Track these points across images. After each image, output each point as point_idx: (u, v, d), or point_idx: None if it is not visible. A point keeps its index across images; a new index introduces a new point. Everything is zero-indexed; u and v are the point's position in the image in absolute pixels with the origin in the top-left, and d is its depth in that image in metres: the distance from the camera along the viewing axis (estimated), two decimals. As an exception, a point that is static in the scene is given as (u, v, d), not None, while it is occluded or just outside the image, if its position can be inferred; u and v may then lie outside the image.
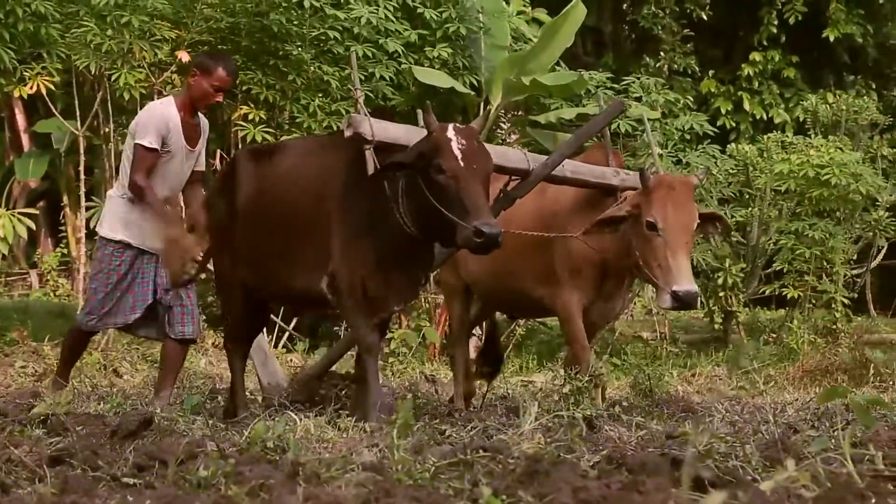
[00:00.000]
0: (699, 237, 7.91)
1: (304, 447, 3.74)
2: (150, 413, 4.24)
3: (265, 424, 3.86)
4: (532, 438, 3.85)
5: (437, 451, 3.41)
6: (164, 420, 4.41)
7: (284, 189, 5.18)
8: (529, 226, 5.61)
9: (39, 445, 3.61)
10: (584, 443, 3.74)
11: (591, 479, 2.92)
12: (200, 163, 5.76)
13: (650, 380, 6.14)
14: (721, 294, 9.83)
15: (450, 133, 4.64)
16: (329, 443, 4.03)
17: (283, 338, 9.36)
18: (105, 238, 5.59)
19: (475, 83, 9.98)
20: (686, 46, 15.60)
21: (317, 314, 9.11)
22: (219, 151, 9.74)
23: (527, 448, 3.54)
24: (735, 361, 8.65)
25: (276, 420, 4.28)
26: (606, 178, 5.67)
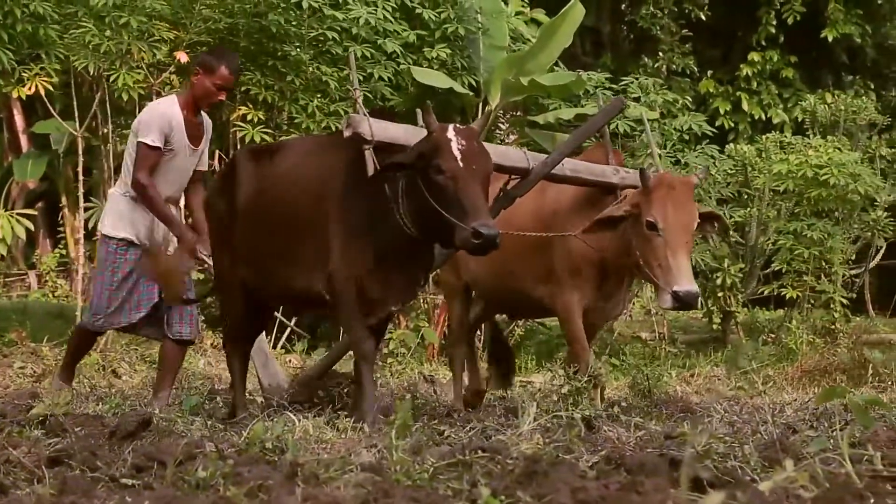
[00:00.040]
0: (698, 237, 7.91)
1: (303, 448, 3.74)
2: (149, 414, 4.23)
3: (264, 425, 3.86)
4: (531, 439, 3.85)
5: (436, 452, 3.41)
6: (163, 421, 4.41)
7: (284, 189, 5.17)
8: (529, 226, 5.60)
9: (38, 446, 3.62)
10: (583, 443, 3.74)
11: (590, 480, 2.92)
12: (203, 162, 5.74)
13: (649, 380, 6.14)
14: (720, 294, 9.83)
15: (450, 133, 4.63)
16: (328, 443, 4.03)
17: (282, 338, 9.36)
18: (107, 236, 5.57)
19: (474, 84, 9.98)
20: (684, 47, 15.61)
21: (316, 314, 9.11)
22: (217, 152, 9.73)
23: (525, 448, 3.54)
24: (734, 362, 8.65)
25: (275, 421, 4.29)
26: (606, 177, 5.67)
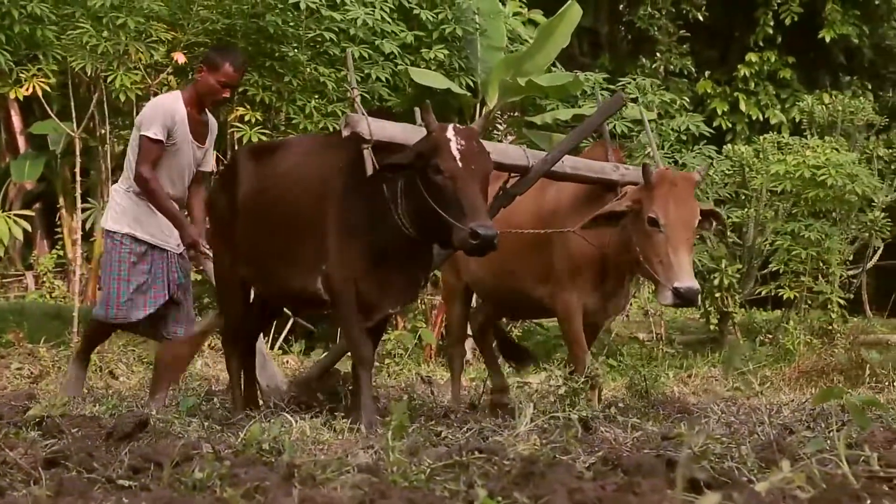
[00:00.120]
0: (696, 236, 7.91)
1: (300, 449, 3.74)
2: (146, 415, 4.22)
3: (261, 426, 3.86)
4: (528, 440, 3.85)
5: (433, 453, 3.42)
6: (160, 422, 4.40)
7: (284, 188, 5.16)
8: (529, 225, 5.60)
9: (35, 447, 3.61)
10: (580, 444, 3.74)
11: (587, 481, 2.92)
12: (207, 162, 5.68)
13: (646, 381, 6.13)
14: (717, 295, 9.81)
15: (449, 133, 4.62)
16: (324, 445, 4.03)
17: (280, 339, 9.35)
18: (110, 230, 5.53)
19: (471, 84, 9.98)
20: (682, 47, 15.62)
21: (315, 314, 9.10)
22: (215, 153, 9.73)
23: (522, 449, 3.54)
24: (731, 362, 8.65)
25: (272, 422, 4.28)
26: (606, 174, 5.65)
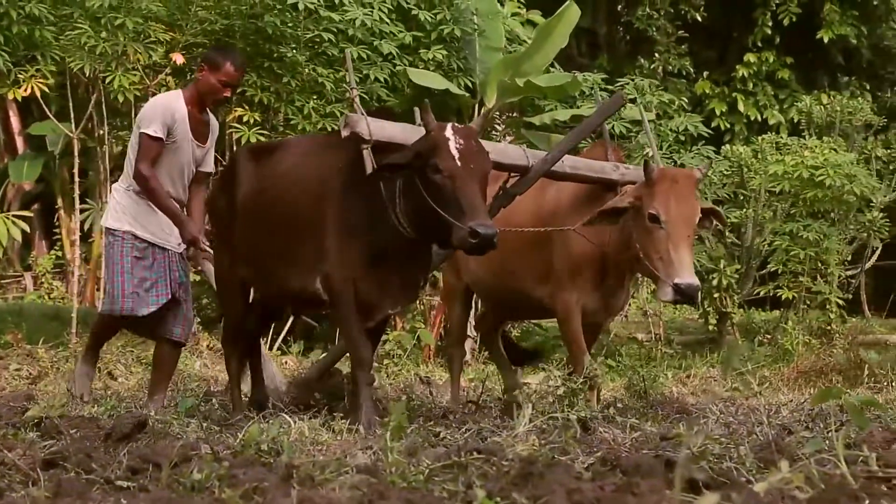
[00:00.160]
0: (696, 234, 7.91)
1: (299, 450, 3.74)
2: (144, 416, 4.22)
3: (259, 427, 3.86)
4: (526, 440, 3.85)
5: (432, 454, 3.41)
6: (159, 423, 4.40)
7: (284, 188, 5.16)
8: (529, 225, 5.60)
9: (33, 448, 3.61)
10: (579, 444, 3.74)
11: (586, 481, 2.93)
12: (208, 162, 5.63)
13: (645, 381, 6.13)
14: (716, 295, 9.81)
15: (448, 132, 4.62)
16: (323, 445, 4.03)
17: (279, 340, 9.34)
18: (110, 228, 5.49)
19: (470, 85, 9.99)
20: (680, 48, 15.63)
21: (314, 314, 9.10)
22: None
23: (521, 450, 3.54)
24: (729, 363, 8.65)
25: (271, 423, 4.28)
26: (606, 173, 5.66)
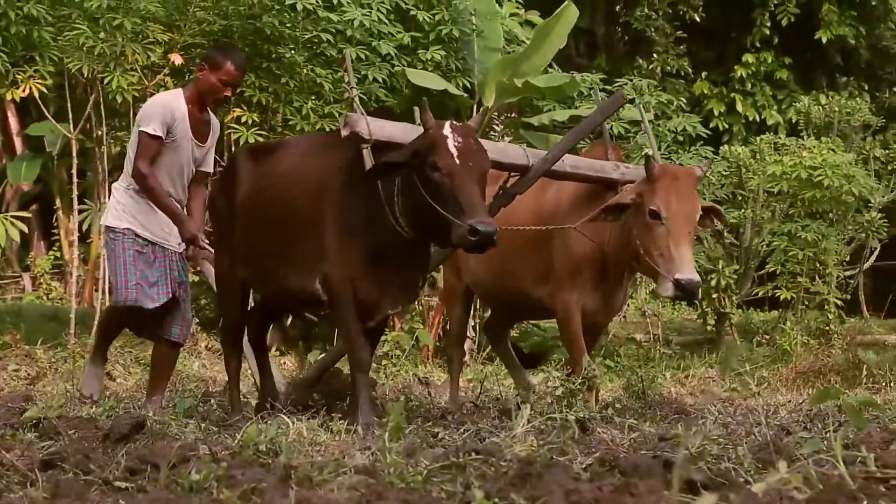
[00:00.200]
0: (697, 232, 7.91)
1: (297, 450, 3.74)
2: (143, 416, 4.22)
3: (257, 428, 3.86)
4: (524, 441, 3.85)
5: (430, 454, 3.41)
6: (157, 424, 4.40)
7: (283, 188, 5.15)
8: (529, 224, 5.59)
9: (31, 449, 3.61)
10: (577, 445, 3.74)
11: (584, 482, 2.92)
12: (207, 162, 5.61)
13: (643, 382, 6.13)
14: (714, 296, 9.81)
15: (446, 131, 4.61)
16: (321, 446, 4.03)
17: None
18: (110, 227, 5.48)
19: (468, 85, 9.99)
20: (679, 48, 15.64)
21: (314, 314, 9.09)
22: (212, 154, 9.72)
23: (519, 450, 3.54)
24: (728, 363, 8.64)
25: (269, 423, 4.28)
26: (606, 172, 5.65)
